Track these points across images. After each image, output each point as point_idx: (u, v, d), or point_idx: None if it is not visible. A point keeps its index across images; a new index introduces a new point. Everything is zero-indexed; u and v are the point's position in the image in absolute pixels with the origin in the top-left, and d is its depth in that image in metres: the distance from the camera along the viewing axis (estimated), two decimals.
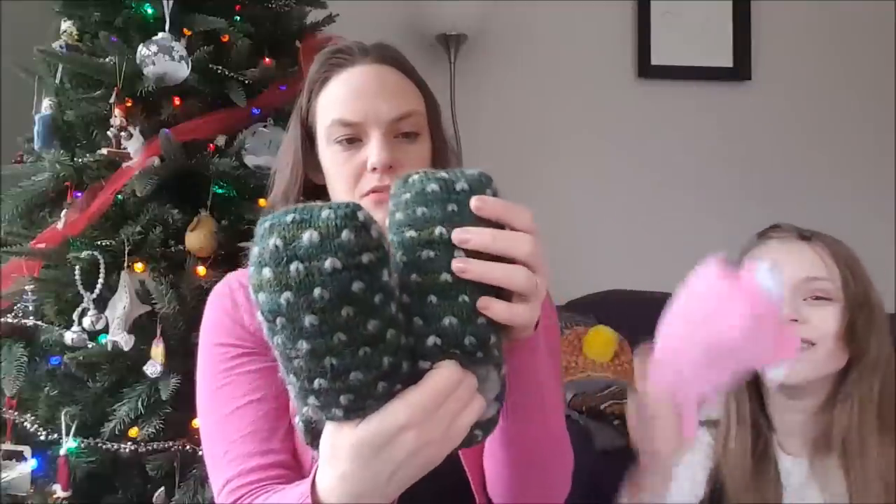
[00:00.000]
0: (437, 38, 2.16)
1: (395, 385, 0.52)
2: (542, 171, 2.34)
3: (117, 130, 1.31)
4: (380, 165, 0.81)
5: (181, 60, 1.34)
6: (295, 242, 0.47)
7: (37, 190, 1.37)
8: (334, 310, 0.47)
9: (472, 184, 0.54)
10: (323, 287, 0.46)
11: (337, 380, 0.50)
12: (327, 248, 0.46)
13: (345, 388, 0.50)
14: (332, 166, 0.86)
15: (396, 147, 0.83)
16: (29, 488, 1.24)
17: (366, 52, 0.87)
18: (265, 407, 0.80)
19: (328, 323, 0.47)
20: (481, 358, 0.54)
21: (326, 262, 0.46)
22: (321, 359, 0.48)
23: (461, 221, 0.52)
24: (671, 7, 2.37)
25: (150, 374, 1.24)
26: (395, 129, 0.83)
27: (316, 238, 0.46)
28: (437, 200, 0.53)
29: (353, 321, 0.48)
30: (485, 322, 0.53)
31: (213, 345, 0.85)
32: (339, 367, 0.49)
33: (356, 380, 0.50)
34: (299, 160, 0.89)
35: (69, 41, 1.45)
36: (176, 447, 1.25)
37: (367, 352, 0.49)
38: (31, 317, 1.31)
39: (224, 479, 0.78)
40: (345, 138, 0.84)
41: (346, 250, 0.46)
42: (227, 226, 1.37)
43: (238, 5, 1.49)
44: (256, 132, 1.41)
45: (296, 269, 0.46)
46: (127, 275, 1.27)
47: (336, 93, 0.85)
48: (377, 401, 0.52)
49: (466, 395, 0.55)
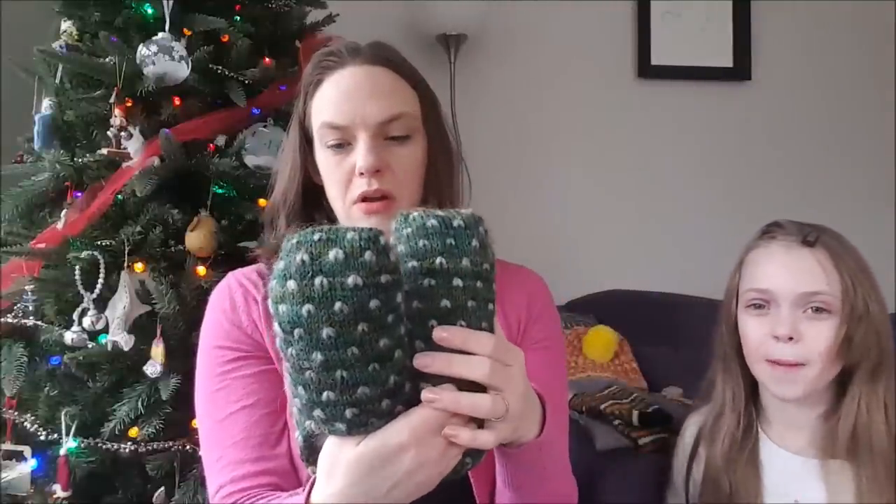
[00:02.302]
0: (437, 38, 2.16)
1: (398, 405, 0.55)
2: (541, 170, 2.34)
3: (117, 130, 1.31)
4: (366, 170, 0.81)
5: (181, 60, 1.34)
6: (321, 259, 0.50)
7: (37, 190, 1.36)
8: (351, 324, 0.51)
9: (466, 221, 0.58)
10: (344, 302, 0.50)
11: (345, 393, 0.53)
12: (351, 266, 0.50)
13: (351, 402, 0.53)
14: (325, 170, 0.86)
15: (385, 150, 0.83)
16: (29, 488, 1.24)
17: (357, 52, 0.86)
18: (258, 412, 0.81)
19: (344, 336, 0.51)
20: (476, 385, 0.57)
21: (349, 279, 0.50)
22: (333, 371, 0.52)
23: (459, 254, 0.57)
24: (671, 7, 2.37)
25: (150, 374, 1.24)
26: (383, 131, 0.83)
27: (341, 256, 0.50)
28: (437, 234, 0.57)
29: (367, 337, 0.51)
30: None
31: (210, 347, 0.86)
32: (349, 381, 0.52)
33: (363, 394, 0.53)
34: (298, 162, 0.89)
35: (69, 41, 1.45)
36: (176, 447, 1.25)
37: (377, 368, 0.53)
38: (31, 317, 1.31)
39: (217, 484, 0.79)
40: (334, 143, 0.84)
41: (368, 269, 0.51)
42: (227, 226, 1.37)
43: (238, 5, 1.48)
44: (256, 132, 1.41)
45: (320, 283, 0.50)
46: (127, 275, 1.27)
47: (327, 95, 0.85)
48: (380, 418, 0.55)
49: (462, 419, 0.56)
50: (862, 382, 1.00)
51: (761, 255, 1.05)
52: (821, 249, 1.01)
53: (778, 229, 1.06)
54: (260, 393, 0.82)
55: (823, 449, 1.03)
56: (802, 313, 1.00)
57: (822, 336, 0.98)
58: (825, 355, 0.98)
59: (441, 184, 0.89)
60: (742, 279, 1.07)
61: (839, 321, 0.98)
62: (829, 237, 1.03)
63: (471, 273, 0.57)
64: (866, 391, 0.99)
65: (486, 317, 0.58)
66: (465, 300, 0.56)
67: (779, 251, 1.03)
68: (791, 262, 1.01)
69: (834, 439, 1.01)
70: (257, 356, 0.84)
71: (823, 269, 1.00)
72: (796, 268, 1.01)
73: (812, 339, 0.99)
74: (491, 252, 0.59)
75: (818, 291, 0.99)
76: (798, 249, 1.02)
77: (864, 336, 0.98)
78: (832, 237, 1.03)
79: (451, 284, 0.56)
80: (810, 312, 1.00)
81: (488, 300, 0.58)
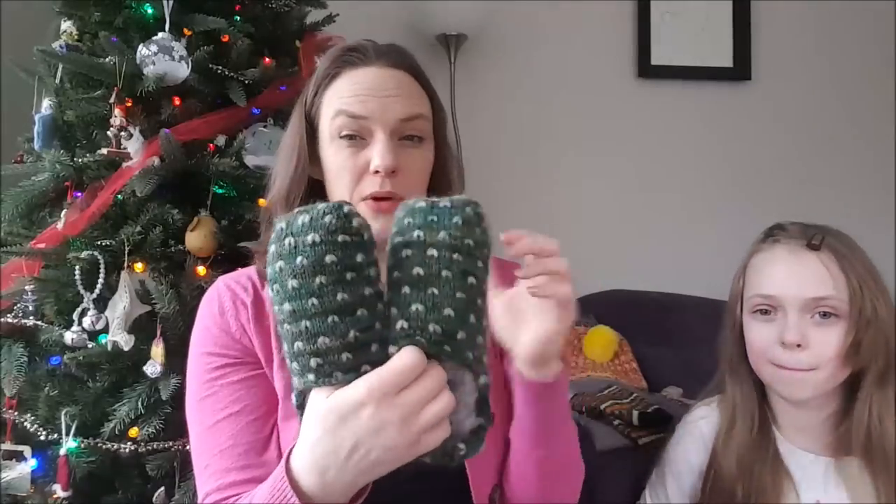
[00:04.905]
0: (437, 38, 2.16)
1: (363, 363, 0.58)
2: (541, 170, 2.34)
3: (117, 130, 1.31)
4: (383, 169, 0.81)
5: (181, 60, 1.34)
6: (293, 224, 0.58)
7: (37, 190, 1.36)
8: (310, 276, 0.56)
9: (453, 202, 0.62)
10: (304, 256, 0.56)
11: (308, 342, 0.57)
12: (312, 227, 0.57)
13: (314, 352, 0.57)
14: (334, 163, 0.84)
15: (401, 151, 0.83)
16: (29, 488, 1.24)
17: (381, 54, 0.86)
18: (245, 419, 0.81)
19: (305, 287, 0.57)
20: (449, 352, 0.58)
21: (309, 237, 0.57)
22: (299, 321, 0.57)
23: (438, 228, 0.60)
24: (671, 7, 2.38)
25: (150, 374, 1.24)
26: (401, 130, 0.83)
27: (307, 220, 0.57)
28: (420, 212, 0.61)
29: (325, 289, 0.57)
30: (452, 315, 0.58)
31: (199, 353, 0.86)
32: (311, 330, 0.57)
33: (323, 344, 0.57)
34: (304, 155, 0.87)
35: (69, 41, 1.45)
36: (176, 447, 1.25)
37: (335, 320, 0.57)
38: (31, 317, 1.31)
39: (204, 491, 0.80)
40: (349, 133, 0.83)
41: (326, 229, 0.57)
42: (227, 226, 1.37)
43: (238, 5, 1.48)
44: (256, 132, 1.41)
45: (289, 242, 0.57)
46: (127, 275, 1.27)
47: (345, 88, 0.84)
48: (344, 373, 0.57)
49: (431, 385, 0.57)
50: (871, 386, 0.98)
51: (766, 259, 1.03)
52: (826, 252, 0.98)
53: (781, 232, 1.03)
54: (247, 399, 0.82)
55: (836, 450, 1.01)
56: (810, 319, 0.98)
57: (831, 342, 0.96)
58: (834, 361, 0.96)
59: (444, 192, 0.89)
60: (746, 284, 1.05)
61: (847, 326, 0.96)
62: (834, 239, 1.00)
63: (447, 245, 0.59)
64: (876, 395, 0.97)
65: (464, 288, 0.59)
66: (439, 269, 0.59)
67: (784, 255, 1.01)
68: (797, 267, 0.99)
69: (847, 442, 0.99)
70: (245, 362, 0.84)
71: (830, 273, 0.97)
72: (802, 272, 0.98)
73: (820, 346, 0.97)
74: (480, 231, 0.61)
75: (825, 296, 0.97)
76: (803, 253, 0.99)
77: (872, 340, 0.96)
78: (837, 239, 1.01)
79: (424, 254, 0.59)
80: (818, 318, 0.97)
81: (468, 272, 0.59)
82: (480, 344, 0.61)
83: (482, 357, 0.61)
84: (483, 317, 0.61)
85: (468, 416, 0.62)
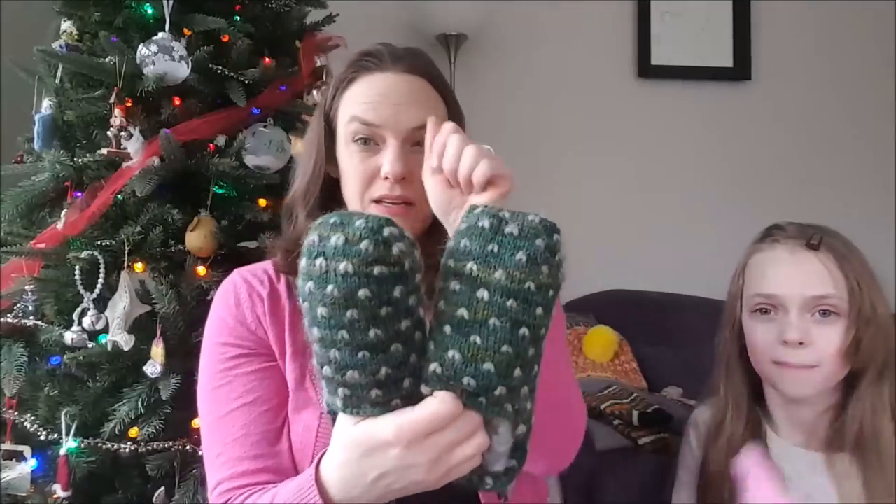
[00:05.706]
0: (437, 38, 2.17)
1: (394, 398, 0.55)
2: (541, 170, 2.34)
3: (117, 130, 1.31)
4: (392, 177, 0.82)
5: (181, 60, 1.34)
6: (326, 241, 0.52)
7: (37, 190, 1.36)
8: (341, 308, 0.51)
9: (522, 230, 0.53)
10: (335, 286, 0.51)
11: (337, 372, 0.54)
12: (346, 253, 0.51)
13: (342, 383, 0.54)
14: (347, 165, 0.86)
15: (412, 157, 0.84)
16: (29, 488, 1.24)
17: (398, 59, 0.87)
18: (258, 409, 0.82)
19: (335, 318, 0.52)
20: (484, 404, 0.54)
21: (341, 265, 0.51)
22: (328, 349, 0.53)
23: (495, 264, 0.53)
24: (671, 7, 2.38)
25: (150, 374, 1.24)
26: (413, 137, 0.84)
27: (341, 242, 0.51)
28: (481, 237, 0.54)
29: (356, 325, 0.52)
30: (491, 371, 0.52)
31: (213, 343, 0.87)
32: (340, 362, 0.53)
33: (352, 378, 0.53)
34: (322, 154, 0.89)
35: (69, 41, 1.45)
36: (176, 447, 1.25)
37: (366, 356, 0.53)
38: (31, 317, 1.31)
39: (216, 480, 0.80)
40: (362, 137, 0.84)
41: (361, 258, 0.51)
42: (227, 226, 1.36)
43: (238, 5, 1.48)
44: (256, 132, 1.40)
45: (319, 264, 0.52)
46: (127, 275, 1.27)
47: (361, 93, 0.86)
48: (372, 406, 0.55)
49: (465, 430, 0.55)
50: (869, 384, 0.99)
51: (765, 259, 1.04)
52: (825, 252, 1.00)
53: (780, 232, 1.04)
54: (261, 390, 0.83)
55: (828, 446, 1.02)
56: (810, 317, 0.99)
57: (832, 339, 0.98)
58: (835, 358, 0.98)
59: None
60: (746, 284, 1.06)
61: (847, 324, 0.98)
62: (832, 238, 1.02)
63: (502, 289, 0.52)
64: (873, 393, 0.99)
65: (512, 341, 0.52)
66: (486, 316, 0.52)
67: (783, 255, 1.02)
68: (797, 266, 1.00)
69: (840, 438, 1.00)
70: (260, 353, 0.85)
71: (829, 272, 0.99)
72: (802, 272, 0.99)
73: (821, 343, 0.98)
74: (549, 270, 0.53)
75: (825, 295, 0.98)
76: (803, 253, 1.00)
77: (872, 338, 0.98)
78: (835, 238, 1.02)
79: (474, 294, 0.53)
80: (818, 316, 0.99)
81: (520, 323, 0.52)
82: (525, 395, 0.55)
83: (525, 407, 0.56)
84: (534, 366, 0.55)
85: (501, 458, 0.59)
